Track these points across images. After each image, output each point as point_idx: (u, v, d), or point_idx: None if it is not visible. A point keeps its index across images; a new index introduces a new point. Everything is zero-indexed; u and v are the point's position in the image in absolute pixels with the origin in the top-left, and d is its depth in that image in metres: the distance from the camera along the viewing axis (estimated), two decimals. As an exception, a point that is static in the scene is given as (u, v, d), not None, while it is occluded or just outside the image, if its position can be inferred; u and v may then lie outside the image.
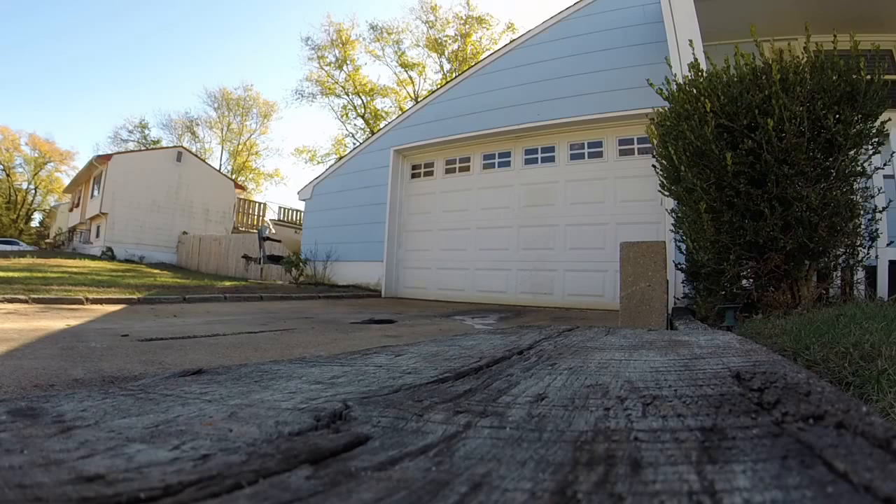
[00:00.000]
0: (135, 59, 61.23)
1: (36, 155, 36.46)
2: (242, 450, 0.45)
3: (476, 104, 8.39)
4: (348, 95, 29.13)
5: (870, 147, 3.27)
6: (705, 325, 3.03)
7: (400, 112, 19.18)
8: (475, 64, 9.33)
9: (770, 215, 2.97)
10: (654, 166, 4.11)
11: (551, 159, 7.86)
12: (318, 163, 30.94)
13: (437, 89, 9.83)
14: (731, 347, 1.13)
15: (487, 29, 27.72)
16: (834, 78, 3.04)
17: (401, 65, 28.73)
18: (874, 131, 3.17)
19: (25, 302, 5.41)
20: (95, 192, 20.82)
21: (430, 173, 9.25)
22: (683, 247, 3.71)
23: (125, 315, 4.98)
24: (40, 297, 5.67)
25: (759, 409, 0.55)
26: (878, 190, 3.55)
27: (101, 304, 5.93)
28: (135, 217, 20.04)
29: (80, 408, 0.62)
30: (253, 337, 3.40)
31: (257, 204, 24.80)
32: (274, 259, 13.89)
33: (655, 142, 4.08)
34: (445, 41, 27.82)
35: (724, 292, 3.37)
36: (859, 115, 3.09)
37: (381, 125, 19.79)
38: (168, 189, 21.19)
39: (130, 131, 37.50)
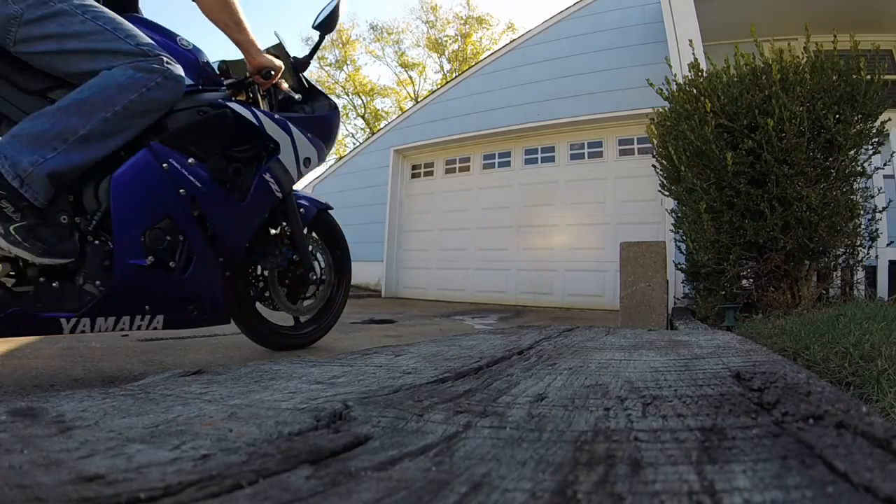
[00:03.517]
0: (135, 59, 61.20)
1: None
2: (242, 450, 0.45)
3: (476, 104, 8.38)
4: (348, 95, 29.11)
5: (870, 147, 3.27)
6: (705, 325, 3.03)
7: (400, 112, 19.17)
8: (475, 64, 9.33)
9: (770, 215, 2.97)
10: (654, 166, 4.11)
11: (551, 159, 7.86)
12: (318, 163, 30.90)
13: (437, 89, 9.83)
14: (731, 347, 1.13)
15: (487, 29, 27.71)
16: (834, 78, 3.04)
17: (401, 65, 28.72)
18: (874, 131, 3.17)
19: (25, 302, 5.40)
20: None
21: (430, 173, 9.25)
22: (683, 247, 3.71)
23: (125, 315, 4.95)
24: (40, 297, 5.65)
25: (759, 409, 0.55)
26: (878, 190, 3.55)
27: (101, 304, 5.91)
28: (135, 217, 20.01)
29: (80, 408, 0.62)
30: (253, 337, 3.38)
31: (257, 204, 24.77)
32: (274, 259, 13.84)
33: (655, 142, 4.08)
34: (445, 41, 27.80)
35: (724, 292, 3.37)
36: (859, 115, 3.09)
37: (381, 125, 19.77)
38: (168, 189, 21.17)
39: (130, 131, 37.51)
